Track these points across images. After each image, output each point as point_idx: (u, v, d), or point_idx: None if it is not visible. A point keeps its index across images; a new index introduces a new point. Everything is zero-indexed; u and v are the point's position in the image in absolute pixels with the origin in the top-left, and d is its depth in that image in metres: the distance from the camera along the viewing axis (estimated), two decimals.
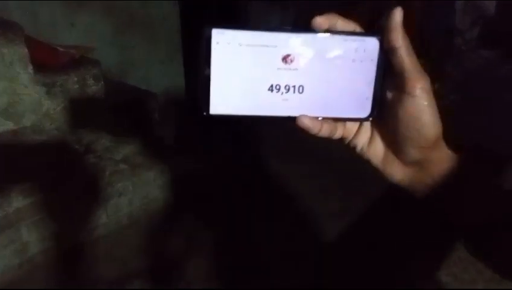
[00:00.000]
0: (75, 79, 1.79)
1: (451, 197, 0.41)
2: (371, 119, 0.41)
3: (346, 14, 0.39)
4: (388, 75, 0.39)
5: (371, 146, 0.42)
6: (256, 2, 3.21)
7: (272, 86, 0.37)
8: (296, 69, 0.37)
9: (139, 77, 2.79)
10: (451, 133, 0.43)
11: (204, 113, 0.37)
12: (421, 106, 0.36)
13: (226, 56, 0.37)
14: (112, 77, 2.31)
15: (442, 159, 0.40)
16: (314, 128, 0.38)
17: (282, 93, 0.38)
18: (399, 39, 0.36)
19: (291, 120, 0.38)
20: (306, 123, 0.38)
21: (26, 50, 1.63)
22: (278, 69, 0.37)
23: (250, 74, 0.37)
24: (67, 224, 1.91)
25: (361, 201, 2.19)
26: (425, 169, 0.40)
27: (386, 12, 0.37)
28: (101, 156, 1.92)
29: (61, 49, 1.82)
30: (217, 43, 0.36)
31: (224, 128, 2.60)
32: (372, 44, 0.38)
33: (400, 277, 1.78)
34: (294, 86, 0.38)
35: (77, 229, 1.96)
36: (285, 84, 0.38)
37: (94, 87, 1.86)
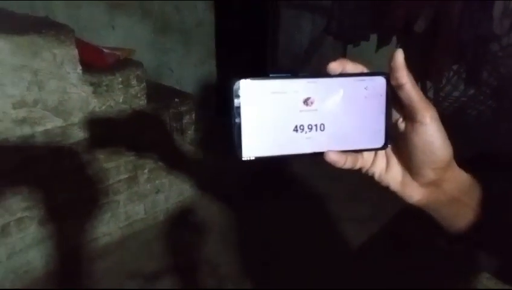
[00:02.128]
0: (120, 79, 1.86)
1: (464, 213, 0.45)
2: (387, 147, 0.45)
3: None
4: (397, 108, 0.44)
5: (389, 172, 0.46)
6: (287, 8, 3.24)
7: (296, 126, 0.42)
8: (316, 109, 0.42)
9: (172, 79, 2.88)
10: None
11: (240, 158, 0.41)
12: (432, 131, 0.41)
13: (254, 104, 0.40)
14: (148, 78, 2.39)
15: (455, 178, 0.45)
16: (340, 161, 0.43)
17: (306, 132, 0.42)
18: (404, 76, 0.41)
19: (316, 155, 0.43)
20: (333, 158, 0.43)
21: (75, 51, 1.71)
22: (300, 111, 0.42)
23: (277, 118, 0.41)
24: (108, 217, 1.98)
25: (393, 205, 2.18)
26: (440, 188, 0.45)
27: (391, 55, 0.41)
28: (141, 154, 1.99)
29: (107, 51, 1.90)
30: (245, 93, 0.40)
31: None
32: (380, 82, 0.43)
33: (435, 280, 1.77)
34: (316, 125, 0.42)
35: (117, 222, 2.03)
36: (308, 124, 0.42)
37: (137, 88, 1.93)
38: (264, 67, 3.37)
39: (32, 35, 1.55)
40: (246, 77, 0.40)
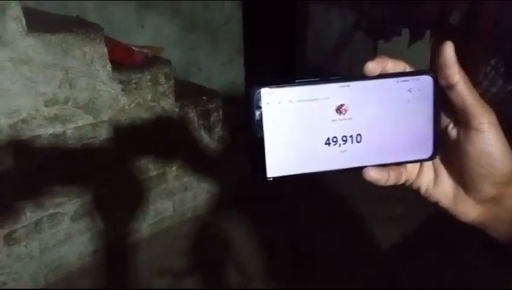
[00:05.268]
0: (148, 77, 1.87)
1: None
2: (436, 158, 0.39)
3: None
4: (447, 111, 0.37)
5: (437, 186, 0.40)
6: (315, 3, 3.20)
7: (328, 139, 0.36)
8: (351, 118, 0.36)
9: (200, 77, 2.88)
10: None
11: (263, 179, 0.36)
12: (491, 140, 0.34)
13: (277, 116, 0.35)
14: (176, 76, 2.41)
15: None
16: (381, 179, 0.38)
17: (339, 145, 0.37)
18: (456, 75, 0.34)
19: (353, 171, 0.38)
20: (374, 176, 0.37)
21: (105, 49, 1.73)
22: (333, 120, 0.36)
23: (305, 130, 0.36)
24: (138, 214, 2.01)
25: (424, 205, 2.11)
26: (501, 204, 0.38)
27: (439, 49, 0.34)
28: (169, 151, 2.00)
29: (136, 49, 1.91)
30: (267, 103, 0.35)
31: None
32: (426, 82, 0.37)
33: (471, 280, 1.71)
34: (351, 136, 0.37)
35: (146, 219, 2.05)
36: (342, 135, 0.36)
37: (165, 85, 1.94)
38: (292, 64, 3.34)
39: (63, 34, 1.57)
40: (267, 84, 0.35)
